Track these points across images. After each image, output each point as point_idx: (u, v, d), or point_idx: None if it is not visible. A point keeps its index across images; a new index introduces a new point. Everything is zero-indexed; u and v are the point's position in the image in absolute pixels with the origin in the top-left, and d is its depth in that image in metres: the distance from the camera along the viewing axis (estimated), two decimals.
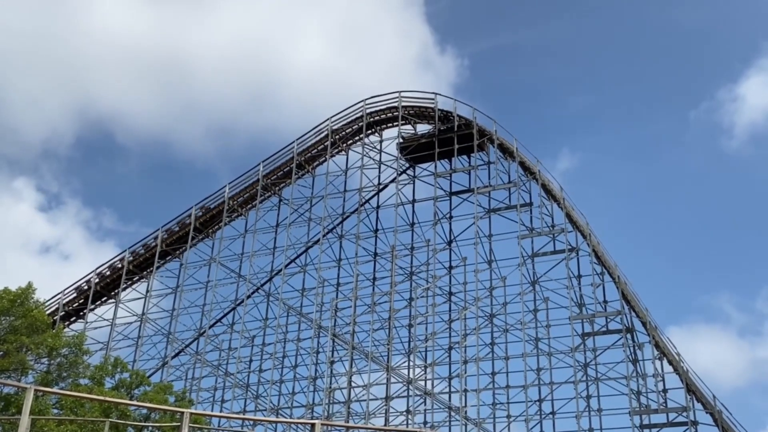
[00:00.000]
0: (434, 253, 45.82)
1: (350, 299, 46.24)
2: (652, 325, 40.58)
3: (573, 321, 41.25)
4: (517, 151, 46.08)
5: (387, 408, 43.03)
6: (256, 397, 47.64)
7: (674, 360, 39.76)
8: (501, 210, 45.66)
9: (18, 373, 29.59)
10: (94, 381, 31.19)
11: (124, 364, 34.74)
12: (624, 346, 40.09)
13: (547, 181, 45.36)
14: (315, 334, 46.96)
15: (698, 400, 38.80)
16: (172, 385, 36.70)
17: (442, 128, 48.76)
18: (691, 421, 37.68)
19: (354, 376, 44.73)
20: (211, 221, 51.47)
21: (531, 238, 43.95)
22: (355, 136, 51.21)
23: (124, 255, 51.59)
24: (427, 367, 44.63)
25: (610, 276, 42.40)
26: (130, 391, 32.47)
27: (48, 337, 29.85)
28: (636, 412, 38.51)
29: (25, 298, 29.44)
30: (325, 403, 44.71)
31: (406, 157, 49.78)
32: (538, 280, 43.54)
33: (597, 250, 42.81)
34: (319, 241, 48.35)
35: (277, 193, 51.67)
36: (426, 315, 45.39)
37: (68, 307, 50.51)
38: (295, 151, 50.55)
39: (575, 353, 40.84)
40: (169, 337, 49.02)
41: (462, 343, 43.92)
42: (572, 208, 44.26)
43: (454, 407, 42.88)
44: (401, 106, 50.12)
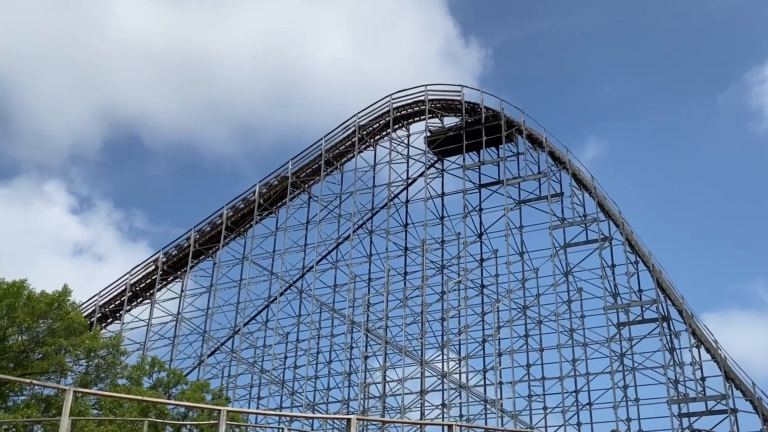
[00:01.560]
0: (465, 246, 45.67)
1: (382, 294, 46.27)
2: (689, 313, 40.08)
3: (608, 311, 40.86)
4: (546, 141, 45.72)
5: (422, 402, 43.04)
6: (292, 393, 47.94)
7: (712, 348, 39.24)
8: (531, 201, 45.35)
9: (57, 375, 30.06)
10: (132, 381, 31.57)
11: (161, 363, 35.11)
12: (660, 334, 39.65)
13: (577, 171, 44.96)
14: (348, 329, 47.11)
15: (737, 388, 38.27)
16: (209, 383, 37.05)
17: (470, 120, 48.54)
18: (730, 409, 37.18)
19: (388, 370, 44.80)
20: (242, 220, 51.82)
21: (563, 228, 43.63)
22: (382, 131, 51.20)
23: (158, 255, 52.16)
24: (461, 360, 44.54)
25: (645, 265, 41.92)
26: (168, 390, 32.81)
27: (85, 338, 30.25)
28: (674, 401, 38.09)
29: (61, 300, 29.85)
30: (360, 398, 44.84)
31: (433, 151, 49.64)
32: (572, 270, 43.20)
33: (630, 238, 42.35)
34: (350, 236, 48.44)
35: (307, 191, 51.85)
36: (458, 308, 45.30)
37: (105, 309, 51.20)
38: (323, 148, 50.67)
39: (611, 343, 40.48)
40: (205, 336, 49.48)
41: (496, 336, 43.75)
42: (604, 197, 43.83)
43: (489, 400, 42.76)
44: (428, 99, 49.97)
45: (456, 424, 15.44)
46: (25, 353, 29.25)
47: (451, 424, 15.11)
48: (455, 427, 14.99)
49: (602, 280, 41.62)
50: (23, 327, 28.78)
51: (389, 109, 50.53)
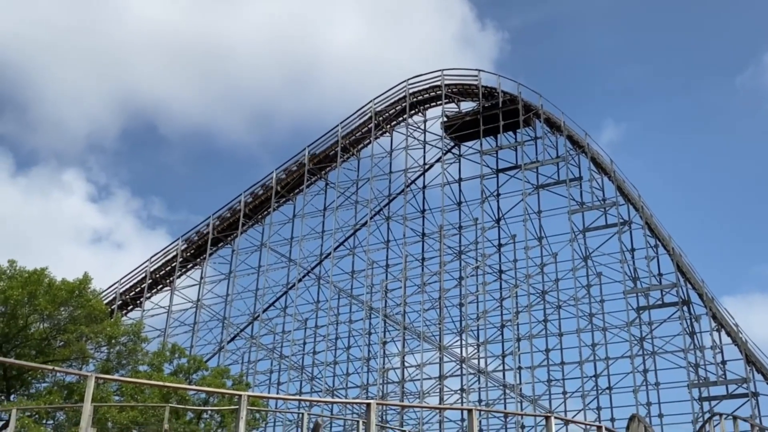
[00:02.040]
0: (483, 231, 45.55)
1: (400, 280, 46.30)
2: (709, 297, 39.80)
3: (627, 295, 40.66)
4: (564, 125, 45.40)
5: (441, 387, 43.11)
6: (311, 378, 48.19)
7: (732, 331, 38.97)
8: (550, 185, 45.13)
9: (79, 362, 30.36)
10: (153, 367, 31.83)
11: (182, 349, 35.38)
12: (680, 318, 39.43)
13: (596, 154, 44.64)
14: (366, 315, 47.21)
15: (758, 371, 38.03)
16: (229, 369, 37.31)
17: (487, 105, 48.27)
18: (751, 393, 36.96)
19: (407, 356, 44.88)
20: (260, 207, 51.97)
21: (581, 212, 43.39)
22: (398, 117, 51.07)
23: (178, 243, 52.49)
24: (479, 346, 44.54)
25: (665, 248, 41.63)
26: (189, 376, 33.06)
27: (107, 326, 30.51)
28: (694, 384, 37.91)
29: (82, 288, 30.10)
30: (379, 383, 44.98)
31: (450, 136, 49.45)
32: (591, 255, 43.00)
33: (650, 222, 42.06)
34: (367, 223, 48.46)
35: (324, 177, 51.88)
36: (477, 294, 45.23)
37: (125, 296, 51.64)
38: (339, 135, 50.63)
39: (630, 327, 40.30)
40: (225, 322, 49.79)
41: (514, 321, 43.68)
42: (623, 181, 43.52)
43: (508, 385, 42.74)
44: (444, 84, 49.74)
45: (476, 409, 15.41)
46: (47, 341, 29.55)
47: (471, 408, 15.09)
48: (474, 411, 14.97)
49: (621, 265, 41.40)
50: (45, 315, 29.06)
51: (405, 94, 50.35)
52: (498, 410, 40.19)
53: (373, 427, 14.06)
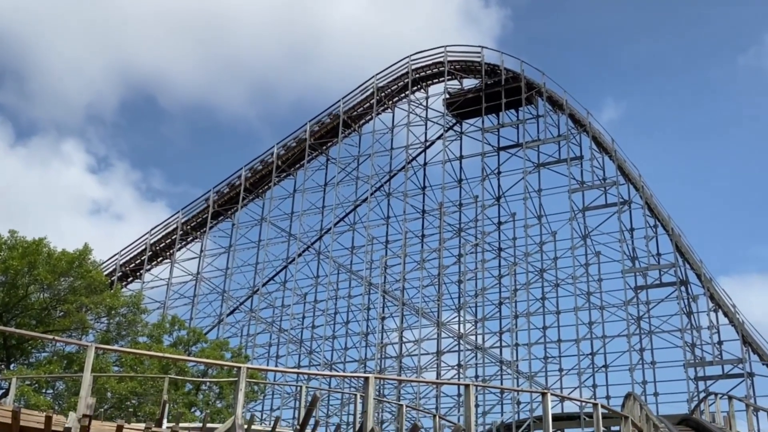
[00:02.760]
0: (483, 209, 45.59)
1: (399, 256, 46.42)
2: (707, 277, 39.93)
3: (626, 274, 40.79)
4: (566, 104, 45.27)
5: (438, 362, 43.39)
6: (310, 352, 48.49)
7: (729, 312, 39.15)
8: (551, 164, 45.09)
9: (79, 333, 30.55)
10: (153, 339, 32.05)
11: (182, 322, 35.60)
12: (678, 298, 39.59)
13: (598, 134, 44.56)
14: (365, 290, 47.39)
15: (754, 352, 38.26)
16: (228, 342, 37.55)
17: (489, 82, 48.09)
18: (747, 373, 37.20)
19: (405, 331, 45.15)
20: (261, 181, 51.97)
21: (582, 191, 43.39)
22: (400, 93, 50.89)
23: (178, 216, 52.56)
24: (477, 322, 44.75)
25: (664, 228, 41.70)
26: (188, 348, 33.29)
27: (106, 297, 30.67)
28: (690, 364, 38.15)
29: (82, 259, 30.21)
30: (377, 357, 45.27)
31: (452, 113, 49.32)
32: (590, 234, 43.06)
33: (650, 202, 42.08)
34: (367, 199, 48.49)
35: (325, 153, 51.84)
36: (475, 271, 45.37)
37: (125, 268, 51.80)
38: (341, 110, 50.51)
39: (628, 306, 40.46)
40: (224, 295, 50.00)
41: (512, 299, 43.84)
42: (624, 161, 43.47)
43: (505, 361, 43.00)
44: (447, 61, 49.51)
45: (472, 384, 15.54)
46: (47, 311, 29.72)
47: (468, 383, 15.22)
48: (471, 387, 15.09)
49: (620, 244, 41.49)
50: (45, 285, 29.19)
51: (408, 70, 50.14)
52: (494, 386, 40.49)
53: (370, 400, 14.18)
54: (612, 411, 21.75)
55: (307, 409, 16.18)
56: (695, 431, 25.23)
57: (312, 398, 16.20)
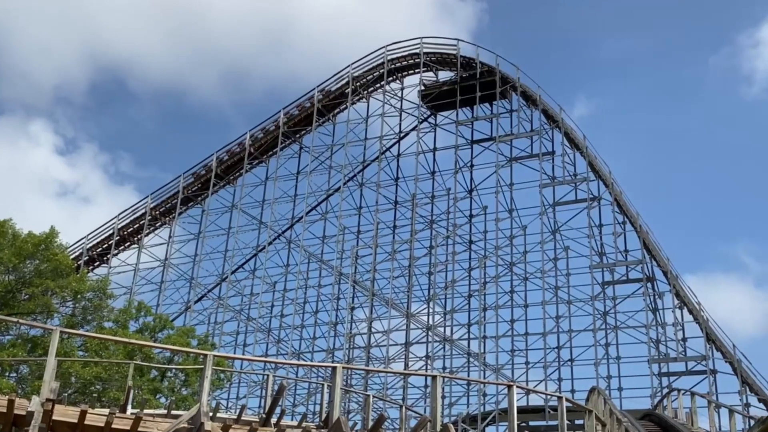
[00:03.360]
0: (455, 201, 45.74)
1: (371, 247, 46.42)
2: (673, 275, 40.42)
3: (593, 270, 41.18)
4: (540, 99, 45.50)
5: (406, 353, 43.50)
6: (278, 341, 48.33)
7: (694, 309, 39.67)
8: (523, 158, 45.31)
9: (44, 316, 30.16)
10: (119, 324, 31.74)
11: (148, 308, 35.31)
12: (644, 294, 40.05)
13: (570, 130, 44.86)
14: (336, 280, 47.34)
15: (717, 349, 38.79)
16: (195, 329, 37.34)
17: (464, 75, 48.16)
18: (710, 370, 37.75)
19: (374, 322, 45.19)
20: (232, 168, 51.61)
21: (553, 186, 43.69)
22: (376, 83, 50.78)
23: (147, 201, 52.04)
24: (446, 314, 44.92)
25: (632, 225, 42.12)
26: (154, 335, 33.03)
27: (72, 281, 30.31)
28: (655, 360, 38.63)
29: (49, 242, 29.81)
30: (345, 348, 45.29)
31: (427, 105, 49.35)
32: (559, 229, 43.38)
33: (619, 199, 42.48)
34: (340, 188, 48.38)
35: (298, 141, 51.61)
36: (446, 263, 45.52)
37: (92, 252, 51.22)
38: (315, 98, 50.27)
39: (595, 301, 40.88)
40: (192, 282, 49.65)
41: (482, 291, 44.07)
42: (595, 157, 43.80)
43: (473, 353, 43.25)
44: (423, 52, 49.48)
45: (440, 375, 15.61)
46: (11, 293, 29.28)
47: (435, 375, 15.28)
48: (438, 378, 15.15)
49: (589, 240, 41.88)
50: (9, 267, 28.76)
51: (384, 60, 50.04)
52: (461, 377, 40.68)
53: (338, 390, 14.17)
54: (576, 405, 21.97)
55: (273, 398, 16.13)
56: (658, 426, 25.56)
57: (279, 387, 16.14)
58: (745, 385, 37.12)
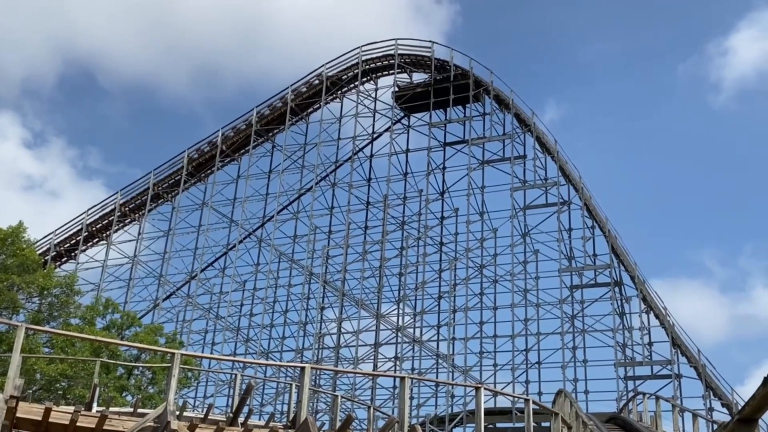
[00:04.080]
0: (426, 203, 45.88)
1: (342, 247, 46.40)
2: (641, 279, 40.93)
3: (562, 273, 41.56)
4: (513, 103, 45.82)
5: (375, 354, 43.53)
6: (247, 340, 48.09)
7: (661, 314, 40.20)
8: (495, 162, 45.59)
9: (9, 312, 29.73)
10: (85, 321, 31.40)
11: (116, 305, 34.98)
12: (612, 299, 40.50)
13: (541, 134, 45.23)
14: (306, 280, 47.23)
15: (683, 354, 39.34)
16: (163, 327, 37.04)
17: (438, 78, 48.33)
18: (675, 374, 38.27)
19: (344, 322, 45.16)
20: (204, 165, 51.29)
21: (523, 190, 44.00)
22: (350, 84, 50.76)
23: (116, 196, 51.52)
24: (416, 315, 45.04)
25: (601, 230, 42.58)
26: (121, 332, 32.73)
27: (39, 276, 29.92)
28: (621, 364, 39.06)
29: (15, 236, 29.40)
30: (314, 348, 45.20)
31: (401, 106, 49.44)
32: (529, 232, 43.71)
33: (589, 203, 42.92)
34: (312, 188, 48.29)
35: (271, 140, 51.43)
36: (417, 264, 45.63)
37: (60, 248, 50.59)
38: (288, 97, 50.14)
39: (563, 305, 41.26)
40: (161, 280, 49.24)
41: (451, 293, 44.26)
42: (566, 162, 44.22)
43: (441, 355, 43.41)
44: (397, 54, 49.58)
45: (408, 377, 15.66)
46: None
47: (404, 376, 15.32)
48: (407, 379, 15.20)
49: (558, 243, 42.26)
50: None
51: (358, 61, 50.05)
52: (430, 379, 40.85)
53: (306, 390, 14.15)
54: (543, 407, 22.13)
55: (241, 398, 16.08)
56: (623, 429, 25.86)
57: (247, 386, 16.09)
58: (709, 389, 37.70)
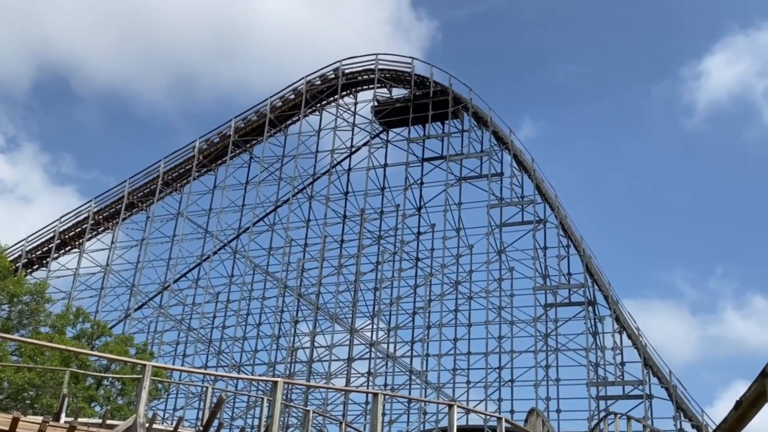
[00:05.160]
0: (403, 218, 45.88)
1: (317, 260, 46.24)
2: (614, 299, 41.18)
3: (537, 291, 41.69)
4: (491, 121, 46.09)
5: (349, 369, 43.33)
6: (219, 353, 47.67)
7: (633, 334, 40.44)
8: (472, 178, 45.76)
9: None
10: (55, 330, 30.96)
11: (86, 314, 34.53)
12: (585, 318, 40.67)
13: (519, 152, 45.49)
14: (280, 293, 46.96)
15: (654, 375, 39.57)
16: (134, 337, 36.63)
17: (418, 93, 48.52)
18: (646, 395, 38.45)
19: (317, 336, 44.93)
20: (180, 176, 50.95)
21: (500, 207, 44.16)
22: (329, 97, 50.77)
23: (90, 204, 51.00)
24: (390, 331, 44.92)
25: (576, 249, 42.82)
26: (91, 342, 32.30)
27: (9, 283, 29.49)
28: (593, 383, 39.19)
29: None
30: (287, 361, 44.89)
31: (380, 121, 49.53)
32: (505, 249, 43.83)
33: (564, 222, 43.17)
34: (289, 200, 48.14)
35: (248, 151, 51.24)
36: (392, 279, 45.56)
37: (31, 255, 49.92)
38: (268, 108, 50.06)
39: (537, 323, 41.36)
40: (133, 290, 48.71)
41: (426, 309, 44.22)
42: (542, 180, 44.50)
43: (415, 371, 43.30)
44: (378, 68, 49.71)
45: (381, 393, 15.58)
46: None
47: (377, 392, 15.24)
48: (380, 395, 15.12)
49: (533, 261, 42.41)
50: None
51: (338, 74, 50.11)
52: (402, 396, 40.60)
53: (278, 404, 14.02)
54: (515, 425, 22.14)
55: (211, 411, 15.89)
56: None
57: (218, 400, 15.91)
58: (679, 410, 37.92)
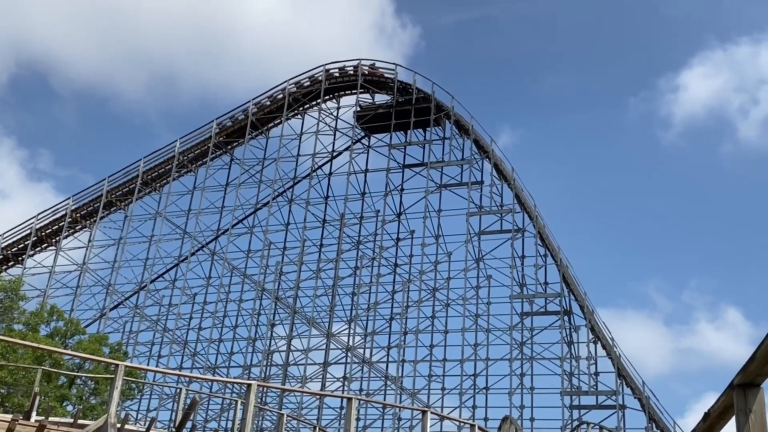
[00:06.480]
0: (383, 224, 45.97)
1: (295, 264, 46.18)
2: (590, 310, 41.48)
3: (513, 300, 41.91)
4: (472, 129, 46.33)
5: (324, 373, 43.28)
6: (194, 354, 47.41)
7: (608, 344, 40.75)
8: (452, 186, 45.96)
9: None
10: (29, 327, 30.72)
11: (61, 312, 34.27)
12: (561, 327, 40.93)
13: (499, 161, 45.75)
14: (257, 296, 46.83)
15: (627, 385, 39.88)
16: (108, 337, 36.41)
17: (400, 100, 48.67)
18: (619, 405, 38.74)
19: (294, 340, 44.83)
20: (160, 175, 50.71)
21: (479, 215, 44.39)
22: (312, 101, 50.79)
23: (68, 202, 50.61)
24: (367, 336, 44.94)
25: (553, 258, 43.10)
26: (65, 340, 32.05)
27: None
28: (567, 392, 39.42)
29: None
30: (263, 364, 44.76)
31: (362, 126, 49.61)
32: (483, 257, 44.03)
33: (542, 232, 43.45)
34: (269, 203, 48.05)
35: (229, 152, 51.10)
36: (370, 285, 45.60)
37: (6, 252, 49.46)
38: (249, 111, 49.98)
39: (513, 331, 41.55)
40: (109, 289, 48.38)
41: (403, 315, 44.29)
42: (522, 189, 44.77)
43: (390, 377, 43.33)
44: (361, 74, 49.81)
45: (355, 398, 15.62)
46: None
47: (351, 397, 15.27)
48: (354, 400, 15.15)
49: (511, 270, 42.62)
50: None
51: (321, 78, 50.14)
52: (377, 401, 40.69)
53: (251, 407, 14.01)
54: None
55: (184, 413, 15.84)
56: None
57: (191, 401, 15.86)
58: (651, 421, 38.23)
